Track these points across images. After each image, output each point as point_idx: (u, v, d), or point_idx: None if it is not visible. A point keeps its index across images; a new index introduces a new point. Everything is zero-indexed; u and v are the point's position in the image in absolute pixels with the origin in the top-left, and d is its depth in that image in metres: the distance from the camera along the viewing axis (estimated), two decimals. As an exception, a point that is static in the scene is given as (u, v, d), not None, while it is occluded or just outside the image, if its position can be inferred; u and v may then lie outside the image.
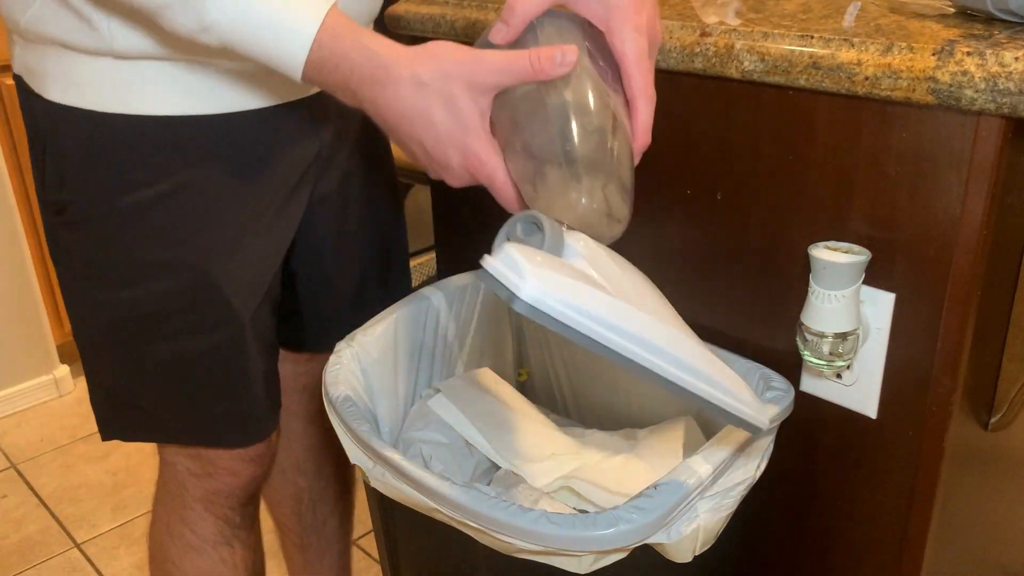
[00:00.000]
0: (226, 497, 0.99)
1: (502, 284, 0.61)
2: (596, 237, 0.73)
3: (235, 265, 0.89)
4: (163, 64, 0.79)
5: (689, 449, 0.94)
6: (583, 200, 0.71)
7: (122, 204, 0.83)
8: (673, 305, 1.03)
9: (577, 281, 0.64)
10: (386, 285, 1.13)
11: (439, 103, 0.67)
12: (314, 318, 1.08)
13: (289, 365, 1.13)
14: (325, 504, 1.26)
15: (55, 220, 0.88)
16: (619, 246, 1.05)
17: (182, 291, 0.87)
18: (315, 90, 0.89)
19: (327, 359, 1.12)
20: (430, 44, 0.69)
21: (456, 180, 0.73)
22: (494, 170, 0.70)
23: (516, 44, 0.72)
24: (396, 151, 0.95)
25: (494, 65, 0.67)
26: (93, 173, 0.83)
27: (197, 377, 0.91)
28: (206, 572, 1.01)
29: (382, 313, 1.05)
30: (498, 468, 1.03)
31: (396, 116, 0.68)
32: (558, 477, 1.01)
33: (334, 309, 1.08)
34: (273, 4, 0.67)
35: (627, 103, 0.74)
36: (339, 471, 1.26)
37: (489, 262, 0.62)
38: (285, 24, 0.66)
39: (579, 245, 0.69)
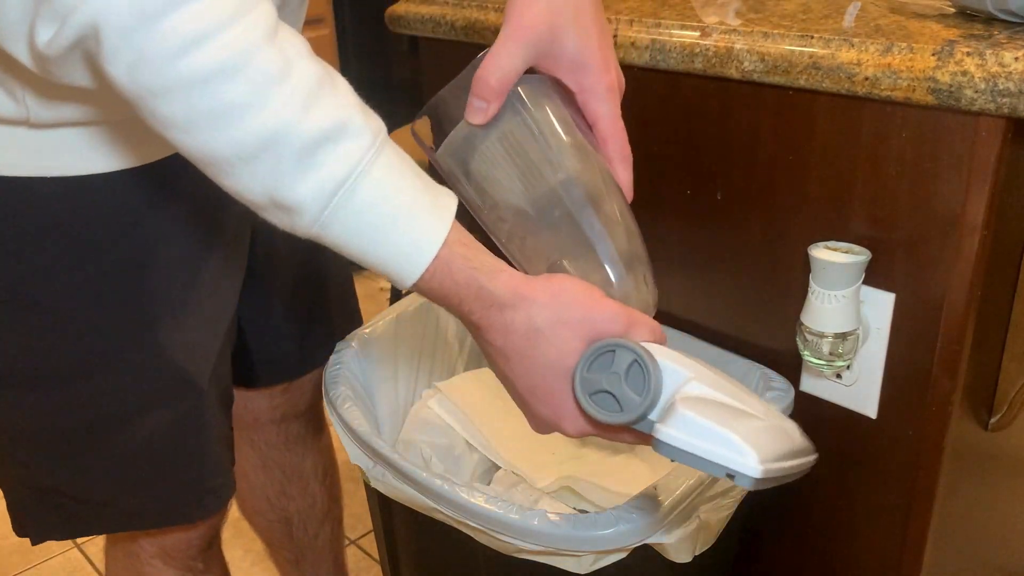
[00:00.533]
0: (184, 550, 0.93)
1: (717, 464, 0.55)
2: None
3: (187, 329, 0.80)
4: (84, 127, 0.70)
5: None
6: (644, 297, 0.72)
7: (52, 286, 0.73)
8: (673, 305, 1.03)
9: (746, 419, 0.59)
10: (328, 309, 1.09)
11: (554, 350, 0.61)
12: (262, 352, 1.03)
13: (265, 398, 1.10)
14: (314, 521, 1.23)
15: None
16: (619, 246, 1.05)
17: (130, 373, 0.78)
18: None
19: (304, 388, 1.12)
20: (555, 279, 0.62)
21: (535, 423, 0.68)
22: (576, 432, 0.64)
23: (496, 117, 0.68)
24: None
25: (612, 313, 0.62)
26: (8, 257, 0.72)
27: (154, 458, 0.83)
28: None
29: (382, 313, 1.05)
30: (498, 468, 1.03)
31: (498, 353, 0.63)
32: (558, 477, 1.01)
33: (279, 340, 1.04)
34: (397, 207, 0.58)
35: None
36: (325, 488, 1.23)
37: (680, 439, 0.56)
38: (402, 247, 0.58)
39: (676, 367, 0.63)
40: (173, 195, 0.73)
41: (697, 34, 0.87)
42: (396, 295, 1.22)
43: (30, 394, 0.77)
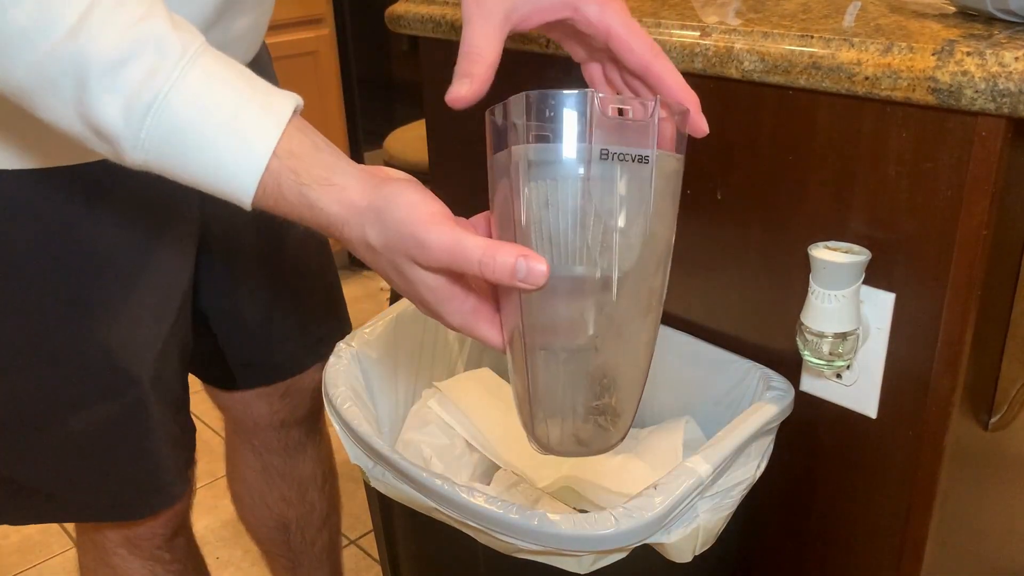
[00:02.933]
0: (148, 539, 0.93)
1: None
2: None
3: (125, 327, 0.79)
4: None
5: (689, 449, 0.94)
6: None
7: None
8: (673, 305, 1.03)
9: None
10: (311, 313, 1.06)
11: (392, 271, 0.56)
12: (236, 355, 1.03)
13: (264, 404, 1.10)
14: (312, 527, 1.23)
15: None
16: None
17: (68, 365, 0.77)
18: None
19: (304, 394, 1.11)
20: (385, 191, 0.54)
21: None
22: (473, 333, 0.58)
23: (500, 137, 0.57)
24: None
25: (434, 255, 0.53)
26: None
27: (95, 453, 0.83)
28: None
29: (382, 313, 1.05)
30: (498, 468, 1.03)
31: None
32: (558, 477, 1.01)
33: (255, 343, 1.03)
34: (217, 120, 0.53)
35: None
36: (323, 495, 1.23)
37: None
38: (226, 165, 0.53)
39: None
40: (109, 197, 0.72)
41: (697, 34, 0.87)
42: (396, 295, 1.22)
43: None
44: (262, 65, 0.95)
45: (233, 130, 0.53)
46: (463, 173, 1.21)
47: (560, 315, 0.57)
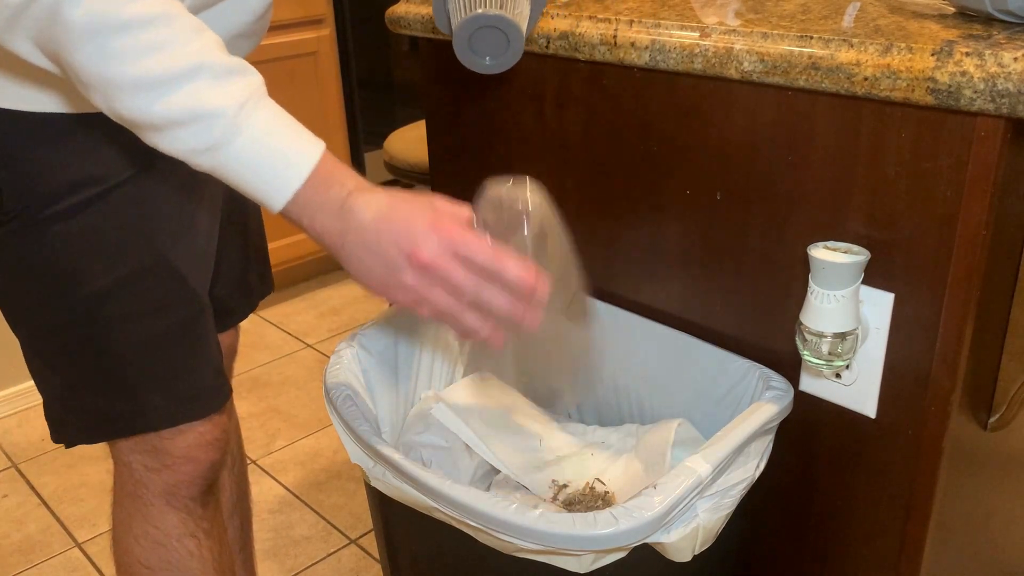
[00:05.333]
0: (187, 487, 0.99)
1: None
2: None
3: (186, 244, 0.92)
4: None
5: (684, 449, 0.94)
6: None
7: (74, 201, 0.85)
8: (673, 305, 1.03)
9: None
10: (258, 273, 1.18)
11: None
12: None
13: None
14: (222, 510, 1.24)
15: None
16: (618, 246, 1.05)
17: (143, 277, 0.90)
18: None
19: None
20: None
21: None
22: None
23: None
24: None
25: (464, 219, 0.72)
26: (35, 176, 0.84)
27: (172, 349, 0.94)
28: (176, 565, 1.01)
29: (382, 312, 1.06)
30: (497, 473, 1.03)
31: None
32: (556, 478, 1.01)
33: (222, 294, 1.10)
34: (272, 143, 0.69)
35: None
36: (232, 475, 1.25)
37: None
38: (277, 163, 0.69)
39: None
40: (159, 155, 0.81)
41: (697, 34, 0.87)
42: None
43: (60, 295, 0.90)
44: None
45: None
46: (463, 173, 1.22)
47: None
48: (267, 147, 0.69)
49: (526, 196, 0.78)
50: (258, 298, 1.19)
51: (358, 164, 2.64)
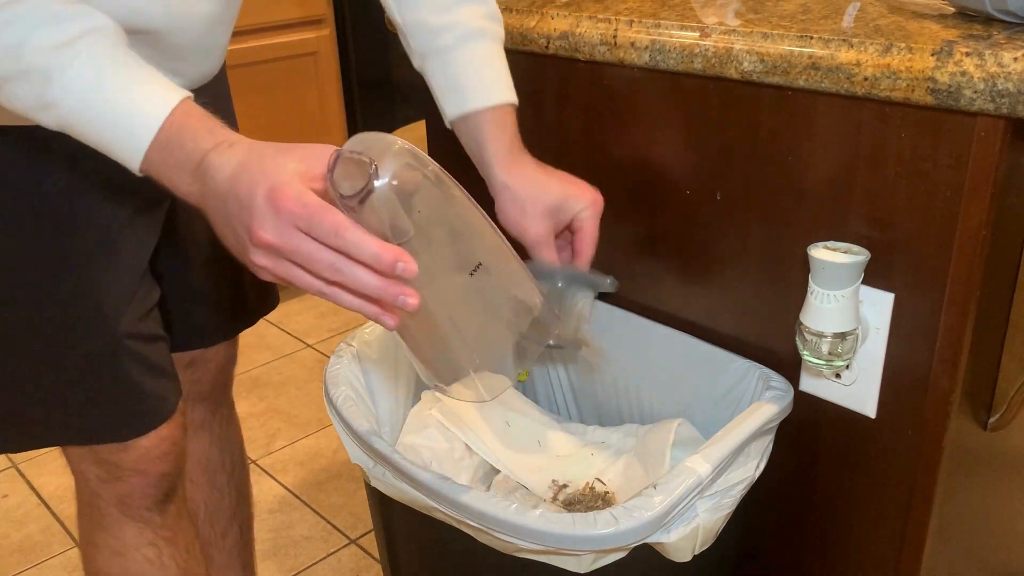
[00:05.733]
0: (140, 499, 0.96)
1: None
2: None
3: (107, 268, 0.87)
4: None
5: (684, 449, 0.94)
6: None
7: None
8: (673, 305, 1.03)
9: None
10: (243, 286, 1.11)
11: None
12: (183, 323, 1.06)
13: None
14: (222, 515, 1.24)
15: None
16: (618, 246, 1.05)
17: (58, 300, 0.85)
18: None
19: (208, 367, 1.12)
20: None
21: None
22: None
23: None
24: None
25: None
26: None
27: (83, 381, 0.89)
28: (134, 573, 0.99)
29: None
30: (497, 473, 1.03)
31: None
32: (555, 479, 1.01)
33: (197, 305, 1.06)
34: (120, 86, 0.63)
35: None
36: (232, 481, 1.23)
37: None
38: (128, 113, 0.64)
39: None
40: (83, 155, 0.75)
41: (697, 34, 0.87)
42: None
43: None
44: (219, 91, 1.01)
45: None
46: (463, 174, 1.21)
47: None
48: (107, 102, 0.63)
49: (381, 151, 0.65)
50: (259, 315, 1.15)
51: (358, 164, 2.63)
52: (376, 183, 0.63)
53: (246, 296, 1.13)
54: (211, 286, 1.06)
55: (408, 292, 0.62)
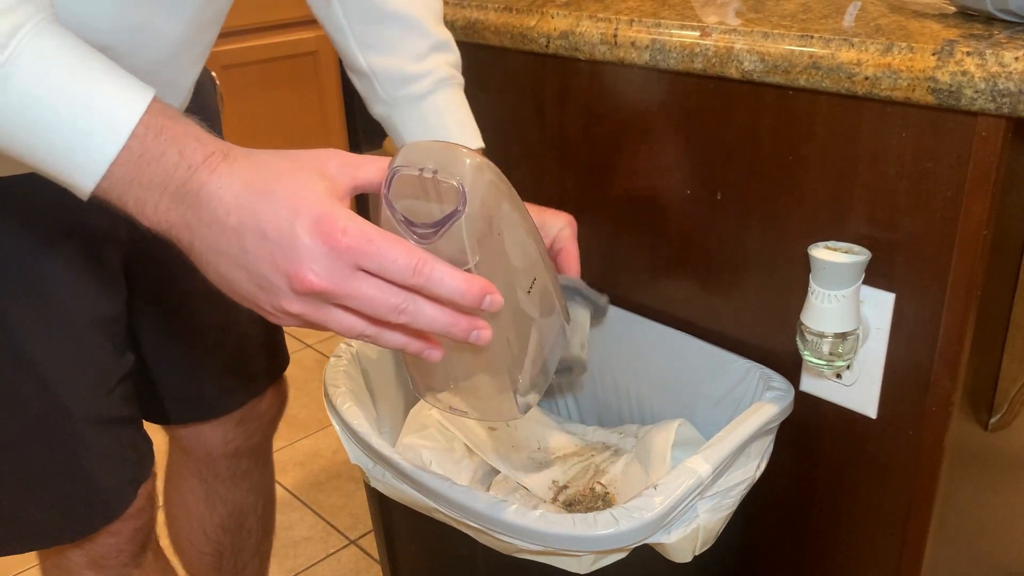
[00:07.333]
0: (115, 556, 0.89)
1: None
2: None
3: (52, 338, 0.75)
4: None
5: (685, 449, 0.94)
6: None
7: None
8: (673, 305, 1.03)
9: None
10: (250, 350, 1.03)
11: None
12: (171, 389, 0.99)
13: (219, 430, 1.08)
14: (245, 553, 1.20)
15: None
16: (618, 245, 1.05)
17: None
18: None
19: (261, 422, 1.10)
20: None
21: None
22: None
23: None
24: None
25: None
26: None
27: (18, 466, 0.78)
28: None
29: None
30: (497, 473, 1.03)
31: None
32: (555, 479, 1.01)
33: (193, 379, 0.99)
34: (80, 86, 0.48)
35: None
36: (260, 523, 1.20)
37: None
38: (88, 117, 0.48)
39: None
40: (29, 208, 0.66)
41: (697, 34, 0.87)
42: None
43: None
44: (204, 94, 0.95)
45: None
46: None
47: None
48: (55, 104, 0.47)
49: (463, 169, 0.54)
50: (271, 379, 1.07)
51: (358, 164, 2.63)
52: (464, 208, 0.54)
53: (250, 368, 1.04)
54: (212, 359, 0.98)
55: (481, 325, 0.53)
